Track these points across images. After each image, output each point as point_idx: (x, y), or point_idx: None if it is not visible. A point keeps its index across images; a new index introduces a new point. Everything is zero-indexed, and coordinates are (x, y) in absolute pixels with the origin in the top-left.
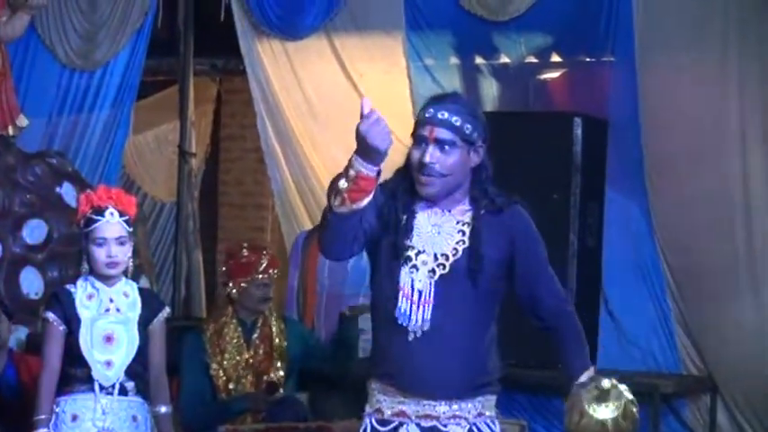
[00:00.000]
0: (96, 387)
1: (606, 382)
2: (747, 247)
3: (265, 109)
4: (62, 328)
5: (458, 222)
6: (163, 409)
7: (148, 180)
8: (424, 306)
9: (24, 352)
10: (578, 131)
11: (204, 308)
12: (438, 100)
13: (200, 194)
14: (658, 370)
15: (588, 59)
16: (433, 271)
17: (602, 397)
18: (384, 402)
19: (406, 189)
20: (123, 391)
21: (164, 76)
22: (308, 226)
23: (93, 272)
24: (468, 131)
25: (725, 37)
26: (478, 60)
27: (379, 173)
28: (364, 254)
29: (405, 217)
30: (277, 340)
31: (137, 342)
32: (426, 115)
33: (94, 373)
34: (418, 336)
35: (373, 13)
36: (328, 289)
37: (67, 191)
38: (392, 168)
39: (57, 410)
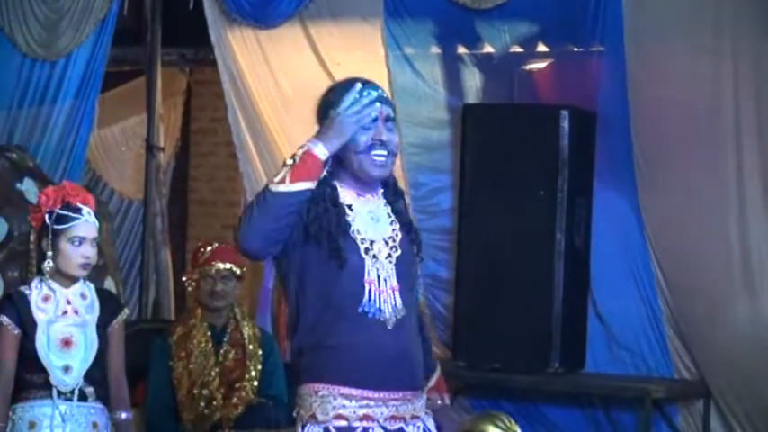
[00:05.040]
0: (54, 393)
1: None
2: (742, 245)
3: (237, 101)
4: (17, 331)
5: (385, 204)
6: (123, 416)
7: (116, 176)
8: (393, 293)
9: None
10: (565, 124)
11: (173, 310)
12: (364, 81)
13: (169, 191)
14: (649, 374)
15: (576, 49)
16: (390, 256)
17: None
18: (346, 407)
19: (331, 183)
20: (83, 397)
21: (130, 67)
22: None
23: (58, 272)
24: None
25: (718, 23)
26: (461, 50)
27: (327, 160)
28: None
29: (343, 211)
30: (251, 346)
31: (95, 346)
32: (366, 94)
33: (52, 379)
34: (393, 325)
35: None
36: None
37: (28, 187)
38: None
39: (13, 418)
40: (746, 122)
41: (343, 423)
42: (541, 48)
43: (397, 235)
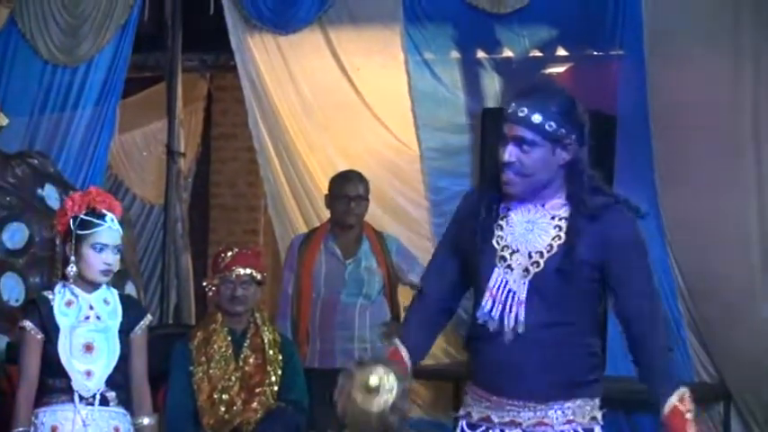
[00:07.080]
0: (76, 398)
1: (374, 379)
2: (762, 248)
3: (257, 106)
4: (40, 336)
5: (553, 217)
6: (145, 421)
7: (137, 181)
8: (517, 307)
9: (5, 362)
10: None
11: (194, 314)
12: (523, 94)
13: (190, 196)
14: None
15: (595, 53)
16: (527, 270)
17: (372, 390)
18: (473, 406)
19: (496, 187)
20: (105, 402)
21: (151, 72)
22: (303, 229)
23: (80, 277)
24: (550, 129)
25: (738, 25)
26: (480, 54)
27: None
28: (362, 261)
29: (495, 217)
30: (271, 352)
31: (118, 351)
32: (508, 111)
33: (74, 384)
34: (511, 338)
35: (370, 4)
36: (324, 296)
37: (50, 193)
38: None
39: (35, 422)
40: (767, 124)
41: (470, 420)
42: (561, 52)
43: (550, 249)
